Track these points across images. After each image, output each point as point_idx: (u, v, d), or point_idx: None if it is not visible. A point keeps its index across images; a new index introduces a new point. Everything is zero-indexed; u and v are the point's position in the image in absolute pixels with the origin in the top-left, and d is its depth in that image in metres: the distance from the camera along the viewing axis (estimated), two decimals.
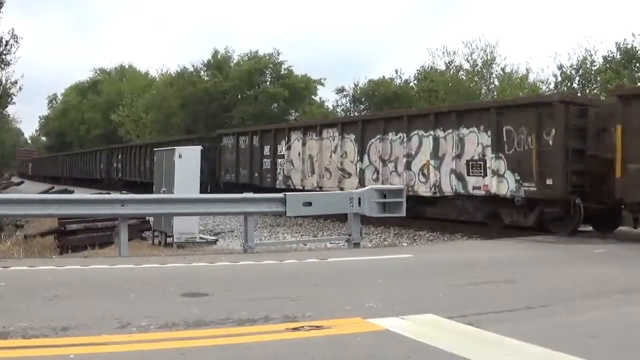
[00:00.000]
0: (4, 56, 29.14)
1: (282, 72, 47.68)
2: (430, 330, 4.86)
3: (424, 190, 16.56)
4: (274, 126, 25.39)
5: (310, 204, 11.95)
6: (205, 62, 49.04)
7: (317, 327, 4.85)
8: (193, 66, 49.47)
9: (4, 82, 30.17)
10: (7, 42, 29.05)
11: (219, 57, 49.16)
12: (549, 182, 13.25)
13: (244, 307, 5.59)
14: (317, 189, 19.82)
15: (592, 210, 13.18)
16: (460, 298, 6.31)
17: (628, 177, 12.03)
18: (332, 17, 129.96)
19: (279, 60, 48.11)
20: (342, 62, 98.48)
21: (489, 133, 14.69)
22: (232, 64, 48.78)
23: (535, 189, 13.50)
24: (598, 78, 29.92)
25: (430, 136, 16.41)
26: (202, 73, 49.08)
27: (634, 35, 28.90)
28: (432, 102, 33.05)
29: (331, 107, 45.47)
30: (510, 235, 13.56)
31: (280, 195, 11.97)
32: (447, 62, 38.02)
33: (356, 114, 39.06)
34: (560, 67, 32.34)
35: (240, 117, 43.94)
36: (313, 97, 48.77)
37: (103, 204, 11.09)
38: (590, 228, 14.24)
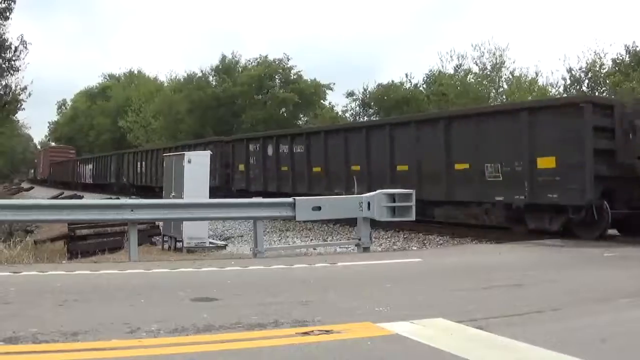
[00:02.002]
0: (13, 62, 29.31)
1: (292, 77, 47.80)
2: (440, 334, 4.84)
3: None
4: None
5: (319, 208, 11.91)
6: (214, 67, 49.25)
7: (327, 332, 4.84)
8: (202, 71, 49.69)
9: (13, 88, 30.26)
10: (16, 48, 29.26)
11: (226, 61, 49.34)
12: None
13: (254, 311, 5.59)
14: None
15: None
16: (470, 302, 6.27)
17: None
18: (340, 22, 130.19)
19: (288, 66, 48.26)
20: (351, 67, 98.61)
21: None
22: (239, 69, 48.97)
23: None
24: (607, 81, 29.76)
25: None
26: (210, 78, 49.24)
27: None
28: (442, 106, 32.90)
29: (340, 112, 45.48)
30: (519, 239, 13.49)
31: (290, 199, 11.94)
32: (455, 65, 37.93)
33: (365, 118, 38.88)
34: (569, 70, 32.21)
35: (249, 122, 44.07)
36: (322, 101, 48.85)
37: (113, 209, 11.10)
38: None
